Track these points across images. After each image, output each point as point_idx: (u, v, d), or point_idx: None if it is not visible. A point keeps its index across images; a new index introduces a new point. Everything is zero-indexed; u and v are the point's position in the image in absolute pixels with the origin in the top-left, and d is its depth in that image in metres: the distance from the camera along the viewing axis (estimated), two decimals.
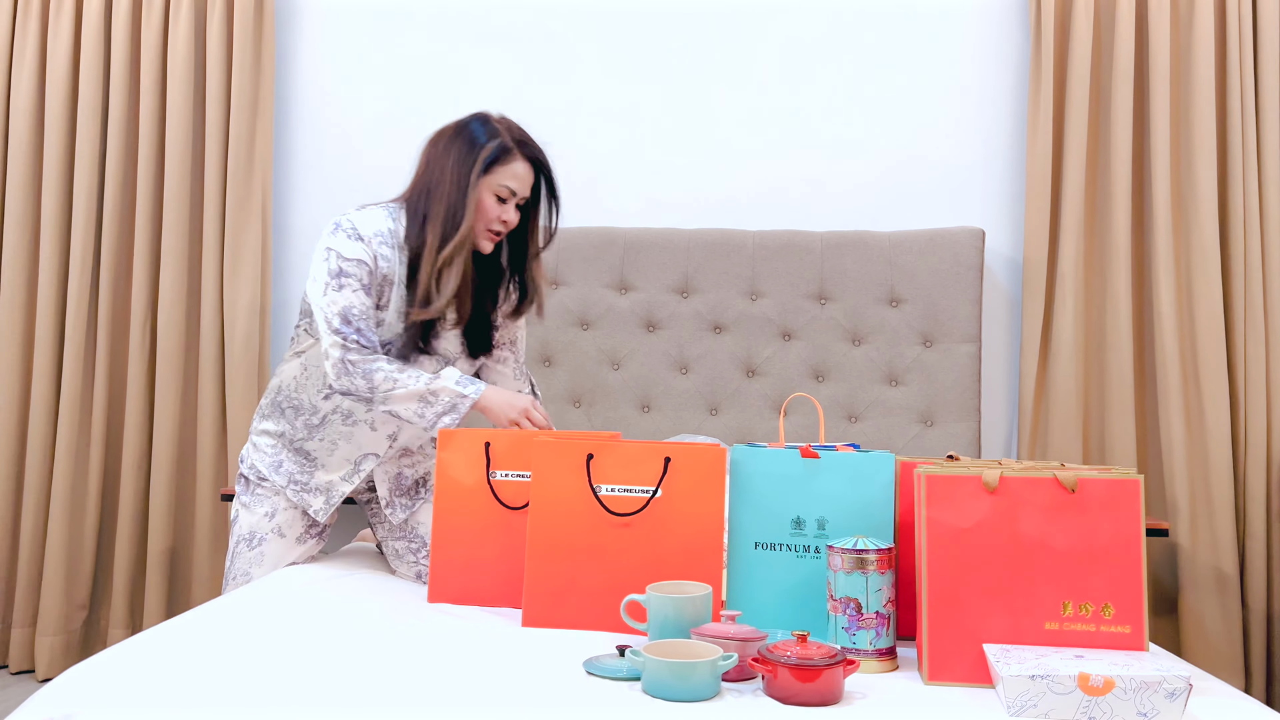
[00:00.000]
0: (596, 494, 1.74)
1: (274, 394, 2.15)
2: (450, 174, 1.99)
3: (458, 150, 2.01)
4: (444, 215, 1.98)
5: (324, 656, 1.48)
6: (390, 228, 2.03)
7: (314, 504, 2.11)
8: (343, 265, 1.96)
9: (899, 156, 3.02)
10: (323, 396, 2.09)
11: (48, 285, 3.02)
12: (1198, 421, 2.79)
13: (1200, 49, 2.80)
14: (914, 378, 2.84)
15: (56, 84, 3.02)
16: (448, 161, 2.01)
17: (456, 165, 2.00)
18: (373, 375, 1.95)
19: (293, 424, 2.11)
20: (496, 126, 2.03)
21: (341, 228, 1.99)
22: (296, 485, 2.11)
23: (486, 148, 2.00)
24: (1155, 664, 1.37)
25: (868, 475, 1.66)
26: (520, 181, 2.04)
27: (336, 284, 1.96)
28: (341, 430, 2.09)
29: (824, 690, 1.35)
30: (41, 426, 3.01)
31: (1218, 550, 2.75)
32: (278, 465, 2.11)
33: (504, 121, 2.06)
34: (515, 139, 2.03)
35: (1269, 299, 2.80)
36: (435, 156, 2.04)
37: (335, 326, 1.95)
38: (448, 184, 1.99)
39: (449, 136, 2.04)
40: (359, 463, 2.11)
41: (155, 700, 1.31)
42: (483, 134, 2.02)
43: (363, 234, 1.99)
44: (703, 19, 3.08)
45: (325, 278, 1.97)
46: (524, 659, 1.52)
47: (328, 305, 1.96)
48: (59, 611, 2.97)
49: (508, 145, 2.01)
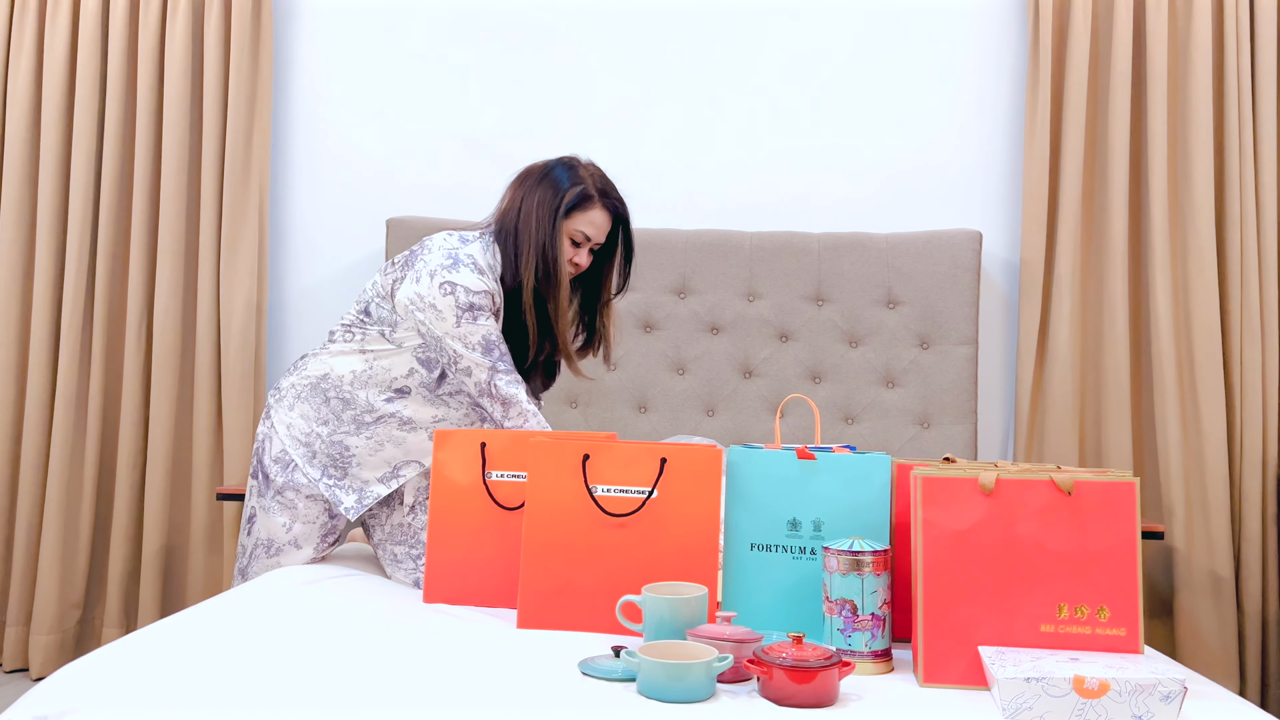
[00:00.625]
0: (592, 494, 1.73)
1: (316, 379, 2.11)
2: (537, 216, 2.07)
3: (545, 192, 2.08)
4: (537, 255, 2.05)
5: (319, 656, 1.48)
6: (492, 262, 2.09)
7: (345, 500, 2.09)
8: (473, 300, 2.00)
9: (897, 159, 3.03)
10: (385, 399, 2.08)
11: (43, 283, 3.01)
12: (1193, 424, 2.79)
13: (1198, 53, 2.81)
14: (911, 379, 2.84)
15: (53, 82, 3.01)
16: (533, 203, 2.08)
17: (544, 207, 2.07)
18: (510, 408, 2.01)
19: (338, 415, 2.09)
20: (582, 173, 2.11)
21: (461, 263, 2.02)
22: (330, 479, 2.09)
23: (569, 193, 2.08)
24: (1150, 667, 1.37)
25: (864, 477, 1.66)
26: (596, 229, 2.12)
27: (471, 316, 2.00)
28: (394, 435, 2.09)
29: (819, 692, 1.35)
30: (37, 424, 3.01)
31: (1213, 553, 2.75)
32: (311, 456, 2.09)
33: (590, 168, 2.14)
34: (599, 188, 2.11)
35: (1265, 302, 2.80)
36: (520, 195, 2.10)
37: (477, 354, 2.00)
38: (534, 225, 2.06)
39: (535, 177, 2.11)
40: (399, 468, 2.11)
41: (150, 699, 1.30)
42: (567, 180, 2.10)
43: (482, 267, 2.04)
44: (702, 21, 3.08)
45: (456, 312, 2.00)
46: (519, 660, 1.51)
47: (467, 335, 2.00)
48: (53, 610, 2.97)
49: (590, 193, 2.10)
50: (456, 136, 3.12)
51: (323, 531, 2.13)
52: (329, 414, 2.09)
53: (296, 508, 2.10)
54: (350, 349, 2.12)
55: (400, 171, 3.12)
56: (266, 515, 2.11)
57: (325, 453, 2.09)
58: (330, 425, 2.09)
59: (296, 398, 2.12)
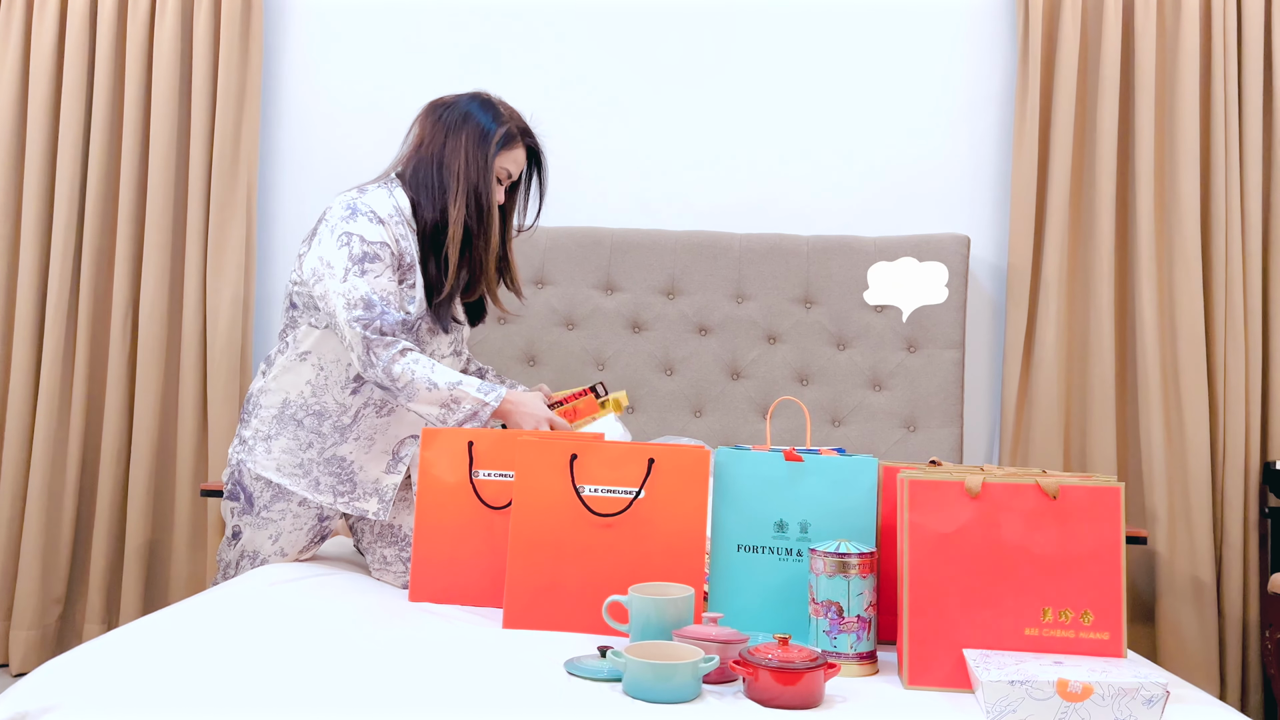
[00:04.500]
0: (579, 494, 1.73)
1: (279, 410, 2.04)
2: (466, 154, 2.06)
3: (471, 132, 2.07)
4: (467, 195, 2.04)
5: (304, 654, 1.48)
6: (399, 205, 2.04)
7: (369, 508, 2.06)
8: (366, 250, 1.94)
9: (886, 163, 3.04)
10: (350, 392, 2.03)
11: (28, 277, 2.99)
12: (1177, 430, 2.81)
13: (1185, 59, 2.83)
14: (897, 383, 2.85)
15: (40, 77, 2.99)
16: (459, 141, 2.06)
17: (473, 146, 2.06)
18: (391, 369, 1.91)
19: (318, 433, 2.02)
20: (502, 112, 2.13)
21: (359, 212, 1.97)
22: (345, 498, 2.05)
23: (498, 133, 2.08)
24: (1133, 671, 1.38)
25: (851, 479, 1.67)
26: (518, 166, 2.15)
27: (359, 269, 1.93)
28: (376, 423, 2.05)
29: (804, 693, 1.35)
30: (19, 419, 2.98)
31: (1195, 558, 2.77)
32: (315, 484, 2.03)
33: (504, 105, 2.15)
34: (519, 128, 2.14)
35: (1249, 308, 2.82)
36: (440, 133, 2.08)
37: (356, 314, 1.90)
38: (463, 164, 2.05)
39: (457, 117, 2.09)
40: (397, 451, 2.08)
41: (134, 696, 1.30)
42: (491, 120, 2.10)
43: (382, 216, 1.99)
44: (692, 22, 3.08)
45: (346, 263, 1.93)
46: (505, 659, 1.51)
47: (349, 291, 1.92)
48: (34, 605, 2.95)
49: (513, 133, 2.12)
50: None
51: (311, 536, 2.11)
52: (310, 435, 2.03)
53: (285, 519, 2.07)
54: (291, 361, 2.05)
55: None
56: (254, 530, 2.08)
57: (326, 472, 2.05)
58: (316, 446, 2.04)
59: (269, 438, 2.05)
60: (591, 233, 2.93)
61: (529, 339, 2.90)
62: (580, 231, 2.94)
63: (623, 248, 2.91)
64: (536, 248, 2.90)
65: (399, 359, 1.92)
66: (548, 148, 3.02)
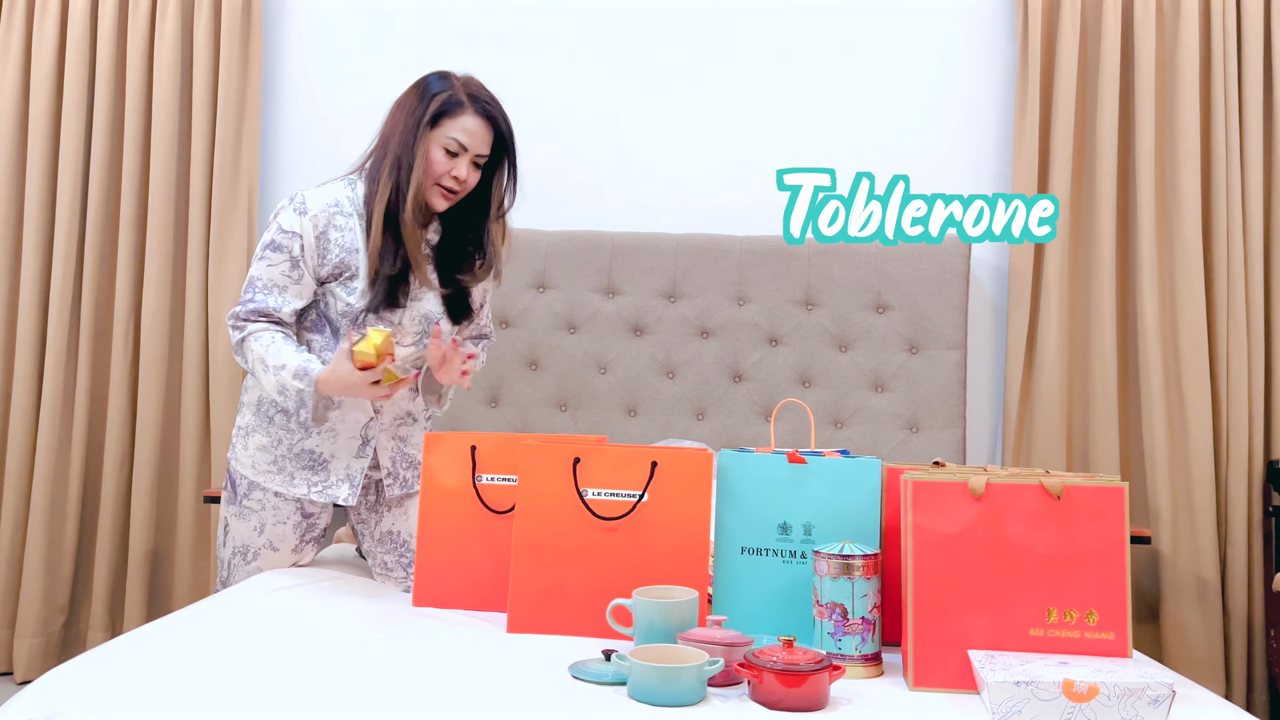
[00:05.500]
0: (583, 498, 1.73)
1: (254, 406, 2.08)
2: (400, 126, 1.99)
3: (408, 103, 2.00)
4: (392, 167, 1.96)
5: (308, 659, 1.48)
6: (348, 195, 2.03)
7: (340, 493, 2.06)
8: (275, 238, 1.98)
9: (886, 164, 3.03)
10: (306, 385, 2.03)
11: (30, 284, 2.99)
12: (1180, 429, 2.81)
13: (1185, 59, 2.83)
14: (899, 384, 2.85)
15: (41, 82, 3.00)
16: (399, 117, 2.00)
17: (406, 117, 1.99)
18: (244, 352, 1.97)
19: (286, 429, 2.04)
20: (452, 81, 2.00)
21: (294, 201, 2.00)
22: (318, 487, 2.05)
23: (437, 99, 1.97)
24: (1139, 671, 1.38)
25: (854, 481, 1.67)
26: (471, 136, 1.98)
27: (260, 254, 1.99)
28: (333, 415, 2.04)
29: (809, 696, 1.35)
30: (22, 426, 2.98)
31: (1199, 557, 2.77)
32: (290, 479, 2.05)
33: (464, 78, 2.03)
34: (469, 93, 1.99)
35: (1251, 308, 2.82)
36: (391, 113, 2.03)
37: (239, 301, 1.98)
38: (397, 137, 1.98)
39: (406, 93, 2.03)
40: (364, 434, 2.06)
41: (139, 702, 1.30)
42: (436, 87, 2.00)
43: (310, 208, 1.99)
44: (691, 24, 3.09)
45: (259, 250, 2.00)
46: (509, 663, 1.51)
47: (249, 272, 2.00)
48: (38, 614, 2.94)
49: (459, 99, 1.98)
50: None
51: (299, 532, 2.10)
52: (279, 432, 2.05)
53: (265, 509, 2.07)
54: None
55: None
56: (238, 521, 2.08)
57: (299, 465, 2.05)
58: (286, 442, 2.05)
59: (248, 434, 2.08)
60: (592, 236, 2.93)
61: (530, 343, 2.90)
62: (581, 235, 2.94)
63: (623, 251, 2.91)
64: (538, 252, 2.91)
65: (247, 342, 1.95)
66: (548, 153, 3.03)
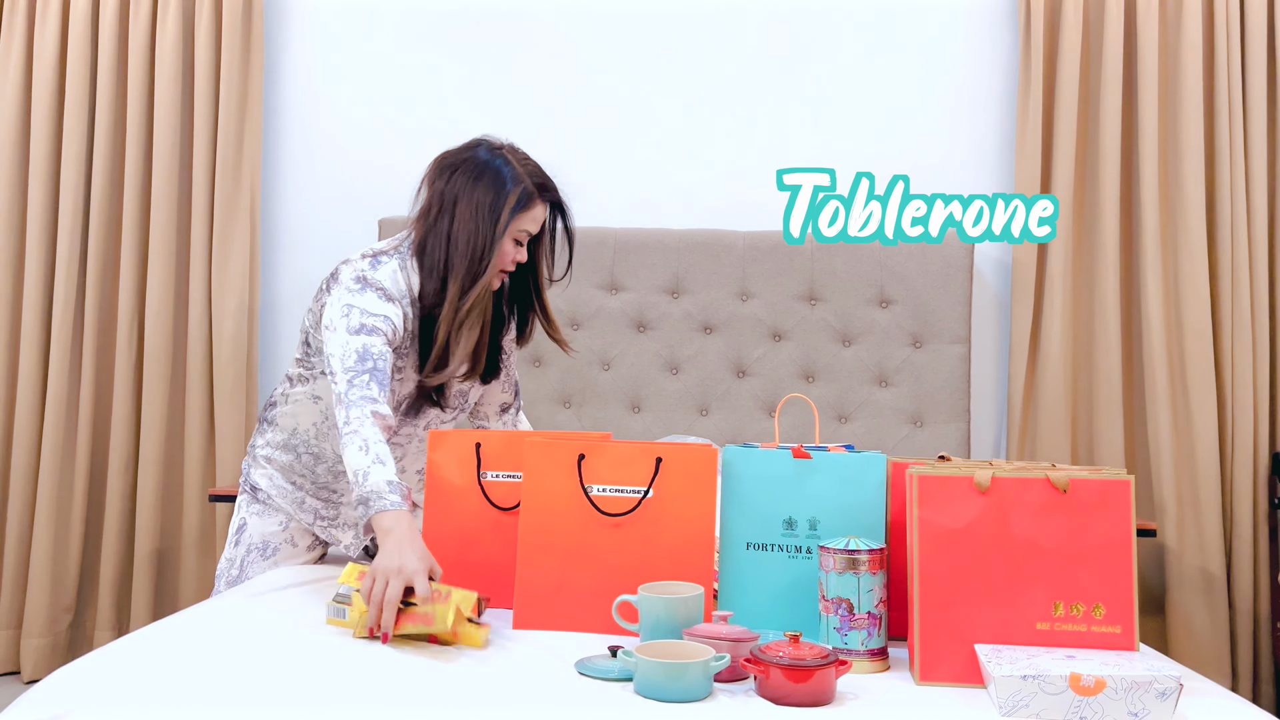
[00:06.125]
0: (588, 494, 1.73)
1: (288, 434, 2.04)
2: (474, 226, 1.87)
3: (482, 198, 1.88)
4: (466, 270, 1.87)
5: (314, 656, 1.48)
6: (410, 283, 1.92)
7: (344, 539, 2.07)
8: (364, 322, 1.82)
9: (889, 159, 3.03)
10: None
11: (34, 284, 2.99)
12: (1185, 423, 2.81)
13: (1188, 53, 2.82)
14: (903, 379, 2.85)
15: (43, 85, 3.00)
16: (469, 210, 1.88)
17: (483, 218, 1.87)
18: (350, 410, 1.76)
19: (313, 470, 2.05)
20: (518, 170, 1.91)
21: (370, 286, 1.86)
22: (324, 521, 2.06)
23: (512, 196, 1.89)
24: (1146, 664, 1.37)
25: (859, 476, 1.66)
26: (537, 224, 1.96)
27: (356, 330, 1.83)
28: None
29: (816, 691, 1.35)
30: (27, 427, 2.99)
31: (1205, 551, 2.76)
32: (300, 502, 2.06)
33: (518, 156, 1.95)
34: (537, 184, 1.93)
35: (1255, 301, 2.81)
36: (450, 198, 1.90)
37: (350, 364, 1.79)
38: (469, 235, 1.87)
39: (469, 177, 1.90)
40: None
41: (146, 701, 1.30)
42: (506, 175, 1.90)
43: (392, 295, 1.88)
44: (693, 20, 3.08)
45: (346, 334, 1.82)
46: (516, 660, 1.51)
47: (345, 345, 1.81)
48: (45, 613, 2.95)
49: (531, 191, 1.91)
50: (448, 135, 3.10)
51: (314, 536, 2.12)
52: (305, 469, 2.05)
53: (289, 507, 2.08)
54: (304, 397, 2.02)
55: (392, 171, 3.11)
56: (260, 519, 2.08)
57: (316, 498, 2.06)
58: (309, 478, 2.06)
59: (270, 459, 2.07)
60: (595, 233, 2.93)
61: (534, 342, 2.89)
62: (583, 231, 2.92)
63: (626, 247, 2.91)
64: None
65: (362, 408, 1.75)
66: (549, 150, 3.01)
